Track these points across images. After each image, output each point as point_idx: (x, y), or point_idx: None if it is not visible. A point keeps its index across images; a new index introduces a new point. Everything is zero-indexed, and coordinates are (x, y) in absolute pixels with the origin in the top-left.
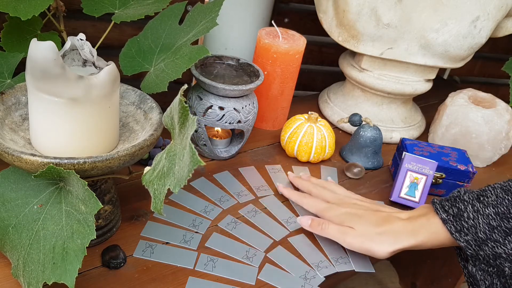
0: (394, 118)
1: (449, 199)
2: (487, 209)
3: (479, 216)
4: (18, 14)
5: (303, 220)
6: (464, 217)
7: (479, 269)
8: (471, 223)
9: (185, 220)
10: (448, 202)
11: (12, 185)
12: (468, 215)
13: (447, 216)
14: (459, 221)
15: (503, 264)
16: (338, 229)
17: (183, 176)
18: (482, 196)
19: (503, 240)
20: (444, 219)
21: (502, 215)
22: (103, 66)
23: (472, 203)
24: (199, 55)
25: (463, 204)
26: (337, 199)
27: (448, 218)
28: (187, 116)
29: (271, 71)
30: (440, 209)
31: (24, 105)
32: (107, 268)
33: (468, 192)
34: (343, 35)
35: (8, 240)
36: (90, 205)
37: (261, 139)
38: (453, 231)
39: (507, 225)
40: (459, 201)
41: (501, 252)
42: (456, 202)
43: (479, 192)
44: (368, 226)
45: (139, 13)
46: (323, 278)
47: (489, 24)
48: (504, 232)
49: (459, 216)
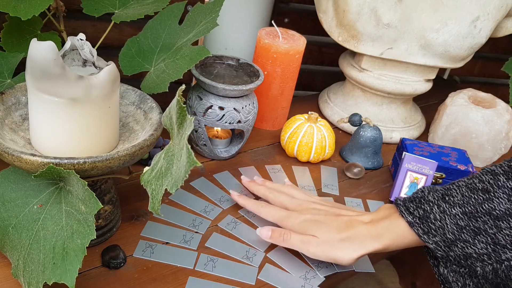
0: (394, 118)
1: (413, 200)
2: (453, 209)
3: (446, 216)
4: (18, 14)
5: (263, 232)
6: (431, 218)
7: (450, 271)
8: (439, 224)
9: (185, 220)
10: (413, 204)
11: (12, 185)
12: (435, 216)
13: (413, 219)
14: (425, 223)
15: (474, 264)
16: (300, 239)
17: (180, 177)
18: (448, 196)
19: (472, 240)
20: (410, 222)
21: (470, 215)
22: (103, 66)
23: (437, 203)
24: (200, 56)
25: (429, 206)
26: (296, 205)
27: (415, 221)
28: (185, 116)
29: (271, 71)
30: (405, 211)
31: (24, 105)
32: (107, 268)
33: (432, 191)
34: (343, 35)
35: (8, 240)
36: (90, 205)
37: (261, 139)
38: (420, 234)
39: (475, 224)
40: (424, 202)
41: (471, 252)
42: (421, 204)
43: (444, 191)
44: (330, 233)
45: (139, 13)
46: (323, 278)
47: (489, 24)
48: (473, 232)
49: (425, 218)
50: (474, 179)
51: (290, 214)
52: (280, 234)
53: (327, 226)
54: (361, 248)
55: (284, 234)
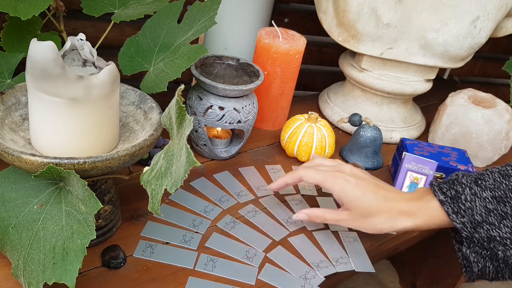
0: (394, 118)
1: (447, 182)
2: (484, 192)
3: (476, 199)
4: (18, 14)
5: (300, 215)
6: (462, 199)
7: (472, 251)
8: (468, 206)
9: (185, 220)
10: (446, 185)
11: (12, 185)
12: (466, 197)
13: (444, 198)
14: (456, 203)
15: (496, 248)
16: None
17: (180, 177)
18: (480, 180)
19: (498, 223)
20: (441, 200)
21: (499, 199)
22: (103, 66)
23: (470, 186)
24: (198, 54)
25: (461, 187)
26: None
27: (446, 200)
28: (184, 116)
29: (271, 71)
30: (438, 191)
31: (24, 105)
32: (107, 268)
33: (466, 176)
34: (343, 35)
35: (8, 240)
36: (90, 205)
37: (261, 139)
38: (450, 213)
39: (503, 208)
40: (457, 184)
41: (495, 235)
42: (454, 185)
43: (477, 175)
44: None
45: (139, 13)
46: (323, 278)
47: (489, 24)
48: (500, 216)
49: (457, 198)
50: (507, 166)
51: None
52: (317, 216)
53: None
54: (392, 224)
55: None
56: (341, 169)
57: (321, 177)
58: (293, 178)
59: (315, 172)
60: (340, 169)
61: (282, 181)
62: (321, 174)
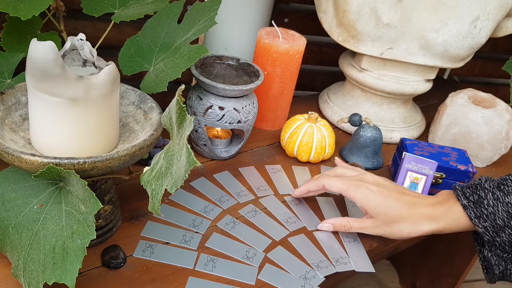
0: (394, 118)
1: (470, 186)
2: (507, 197)
3: (498, 204)
4: (18, 14)
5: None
6: (484, 204)
7: (494, 255)
8: (491, 210)
9: (185, 220)
10: (469, 189)
11: (12, 185)
12: (488, 202)
13: (467, 203)
14: (479, 207)
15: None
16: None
17: (180, 177)
18: (503, 185)
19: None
20: (464, 205)
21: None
22: (103, 66)
23: (492, 191)
24: (198, 54)
25: (484, 192)
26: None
27: (469, 205)
28: (185, 116)
29: (271, 71)
30: (461, 195)
31: (24, 105)
32: (107, 268)
33: (489, 181)
34: (343, 35)
35: (8, 240)
36: (90, 205)
37: (261, 139)
38: (472, 217)
39: None
40: (480, 189)
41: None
42: (477, 190)
43: (500, 180)
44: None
45: (139, 13)
46: (323, 278)
47: (489, 24)
48: None
49: (479, 203)
50: None
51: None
52: (341, 225)
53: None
54: (417, 228)
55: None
56: (363, 179)
57: (344, 186)
58: (316, 185)
59: (338, 181)
60: (362, 178)
61: (305, 188)
62: (344, 183)
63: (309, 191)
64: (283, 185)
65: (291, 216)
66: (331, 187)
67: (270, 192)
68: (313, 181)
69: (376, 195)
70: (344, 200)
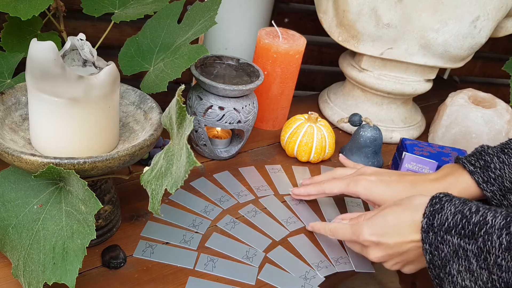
0: (394, 118)
1: (474, 154)
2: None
3: (505, 166)
4: (18, 14)
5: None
6: (491, 168)
7: None
8: (498, 173)
9: (185, 220)
10: (474, 157)
11: (12, 185)
12: (495, 166)
13: (474, 169)
14: (486, 172)
15: None
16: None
17: (180, 177)
18: (506, 148)
19: None
20: (472, 171)
21: None
22: (103, 66)
23: (497, 155)
24: (198, 54)
25: (489, 157)
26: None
27: (476, 170)
28: (185, 116)
29: (271, 71)
30: (467, 163)
31: (24, 105)
32: (107, 268)
33: (491, 147)
34: (343, 35)
35: (8, 240)
36: (90, 205)
37: (261, 139)
38: (480, 182)
39: None
40: (485, 154)
41: None
42: (482, 156)
43: (503, 145)
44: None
45: (139, 13)
46: (323, 278)
47: (489, 24)
48: None
49: (486, 167)
50: None
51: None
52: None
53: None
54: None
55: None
56: (361, 172)
57: (343, 185)
58: (317, 190)
59: (337, 182)
60: (361, 172)
61: (304, 191)
62: (342, 181)
63: (309, 195)
64: (283, 185)
65: (291, 216)
66: (331, 190)
67: (270, 192)
68: (314, 186)
69: (377, 184)
70: (344, 200)
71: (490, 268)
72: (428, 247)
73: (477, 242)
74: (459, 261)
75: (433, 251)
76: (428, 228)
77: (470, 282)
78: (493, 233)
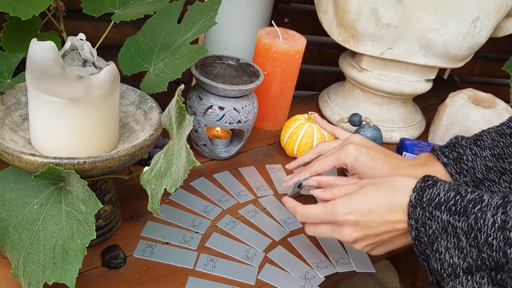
0: (394, 118)
1: (448, 146)
2: (484, 151)
3: (477, 158)
4: (18, 14)
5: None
6: (464, 160)
7: None
8: (470, 165)
9: (185, 220)
10: (448, 148)
11: (12, 185)
12: (467, 158)
13: (447, 161)
14: (459, 163)
15: None
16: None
17: (179, 176)
18: (479, 140)
19: (498, 179)
20: (445, 163)
21: (498, 156)
22: (103, 66)
23: (470, 147)
24: (198, 54)
25: (462, 149)
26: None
27: (449, 162)
28: (184, 116)
29: (271, 71)
30: (441, 155)
31: (24, 105)
32: (107, 268)
33: (465, 139)
34: (343, 35)
35: (8, 240)
36: (90, 205)
37: (261, 139)
38: (453, 173)
39: (502, 165)
40: (458, 146)
41: (496, 191)
42: (456, 148)
43: (475, 137)
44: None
45: (139, 13)
46: (323, 278)
47: (489, 24)
48: (499, 172)
49: (459, 159)
50: (502, 126)
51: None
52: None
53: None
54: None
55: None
56: (350, 141)
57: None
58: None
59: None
60: (349, 141)
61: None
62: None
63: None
64: (283, 185)
65: (291, 216)
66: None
67: (270, 192)
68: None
69: (366, 157)
70: None
71: (480, 246)
72: (414, 222)
73: (468, 219)
74: (447, 238)
75: (419, 228)
76: (416, 203)
77: (459, 259)
78: (487, 211)
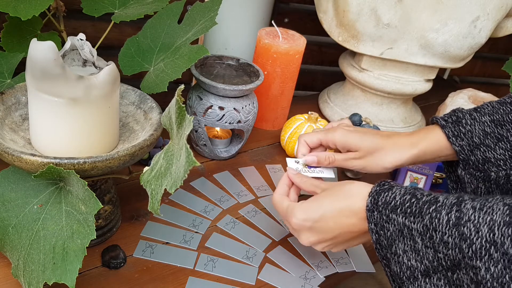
0: (394, 118)
1: (448, 113)
2: (483, 117)
3: (475, 123)
4: (18, 14)
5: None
6: (462, 123)
7: (467, 173)
8: (468, 129)
9: (185, 220)
10: (447, 114)
11: (12, 185)
12: (466, 121)
13: (446, 123)
14: (457, 126)
15: (490, 169)
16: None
17: (179, 176)
18: (480, 108)
19: (494, 145)
20: (443, 125)
21: (497, 122)
22: (103, 66)
23: (470, 112)
24: (198, 55)
25: (462, 114)
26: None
27: (447, 125)
28: (184, 116)
29: (271, 71)
30: (440, 119)
31: (24, 105)
32: (107, 268)
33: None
34: (343, 35)
35: (8, 240)
36: (90, 205)
37: (261, 139)
38: (450, 135)
39: (500, 131)
40: (458, 112)
41: (490, 157)
42: (456, 113)
43: (477, 106)
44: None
45: (139, 13)
46: (323, 278)
47: (489, 24)
48: (496, 138)
49: (458, 122)
50: (504, 97)
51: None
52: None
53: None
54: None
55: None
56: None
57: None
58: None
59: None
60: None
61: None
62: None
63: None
64: None
65: None
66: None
67: (270, 192)
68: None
69: (354, 133)
70: None
71: (435, 246)
72: (373, 226)
73: (423, 220)
74: (404, 240)
75: (379, 231)
76: (373, 207)
77: (416, 261)
78: (442, 210)
